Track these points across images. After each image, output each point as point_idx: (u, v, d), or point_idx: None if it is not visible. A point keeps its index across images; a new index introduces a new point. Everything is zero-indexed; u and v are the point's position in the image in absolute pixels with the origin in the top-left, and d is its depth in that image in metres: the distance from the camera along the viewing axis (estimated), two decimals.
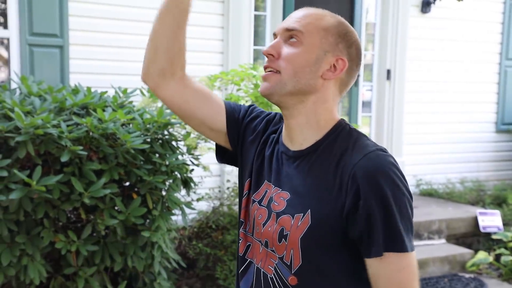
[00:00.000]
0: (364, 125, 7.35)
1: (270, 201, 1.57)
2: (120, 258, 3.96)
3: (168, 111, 4.24)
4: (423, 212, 6.23)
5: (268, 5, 6.60)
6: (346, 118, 4.76)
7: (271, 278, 1.54)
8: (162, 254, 4.28)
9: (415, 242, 5.61)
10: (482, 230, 6.16)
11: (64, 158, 3.54)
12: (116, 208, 3.89)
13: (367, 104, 7.40)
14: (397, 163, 1.46)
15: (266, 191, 1.61)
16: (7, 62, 5.32)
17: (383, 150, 1.47)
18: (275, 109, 3.26)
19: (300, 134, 1.57)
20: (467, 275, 5.50)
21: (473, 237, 6.26)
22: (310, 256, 1.47)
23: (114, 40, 5.56)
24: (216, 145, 1.84)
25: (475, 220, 6.23)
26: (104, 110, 3.96)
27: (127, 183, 4.09)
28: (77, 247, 3.77)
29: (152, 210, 4.02)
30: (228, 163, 1.87)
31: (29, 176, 3.47)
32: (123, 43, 5.57)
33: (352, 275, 1.50)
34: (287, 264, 1.49)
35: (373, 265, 1.42)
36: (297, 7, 5.93)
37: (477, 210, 6.36)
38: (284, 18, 6.52)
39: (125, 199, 3.98)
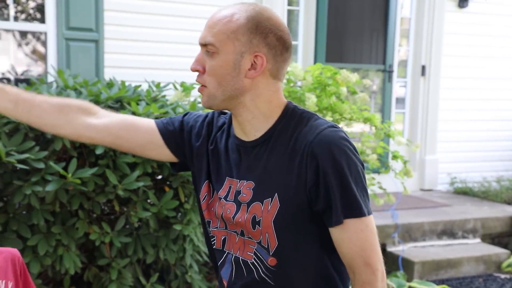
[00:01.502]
0: (397, 122, 7.23)
1: (237, 194, 1.63)
2: (152, 251, 4.01)
3: (200, 105, 4.28)
4: (458, 211, 6.16)
5: (301, 0, 6.58)
6: (379, 115, 4.80)
7: (252, 263, 1.61)
8: (193, 247, 4.31)
9: (449, 241, 5.64)
10: None
11: (98, 151, 3.60)
12: (148, 201, 3.93)
13: (400, 101, 7.27)
14: (348, 137, 1.56)
15: (230, 186, 1.67)
16: (44, 56, 5.42)
17: (335, 126, 1.56)
18: None
19: (251, 127, 1.64)
20: (502, 276, 5.43)
21: (509, 237, 6.14)
22: (284, 236, 1.56)
23: (148, 35, 5.61)
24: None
25: None
26: (138, 104, 3.99)
27: (160, 176, 4.12)
28: (110, 238, 3.82)
29: (184, 204, 4.06)
30: (183, 171, 1.94)
31: (65, 168, 3.52)
32: (157, 37, 5.62)
33: (322, 245, 1.59)
34: (265, 247, 1.58)
35: (336, 232, 1.53)
36: (331, 2, 5.95)
37: None
38: (317, 12, 6.51)
39: (157, 192, 4.02)
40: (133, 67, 5.48)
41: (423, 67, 7.14)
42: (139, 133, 1.80)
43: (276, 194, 1.56)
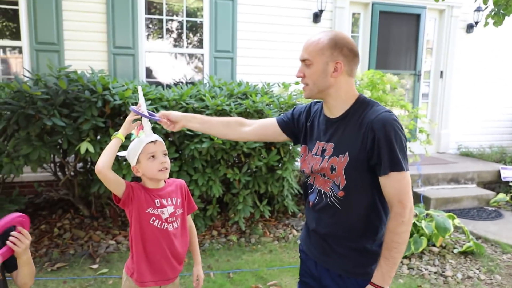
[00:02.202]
0: (423, 109, 6.90)
1: (323, 151, 1.61)
2: (264, 186, 4.04)
3: (295, 95, 4.23)
4: (461, 166, 5.74)
5: (360, 29, 6.29)
6: (410, 105, 4.55)
7: (329, 194, 1.59)
8: (288, 184, 4.30)
9: (455, 186, 5.29)
10: (502, 179, 5.61)
11: None
12: (261, 155, 3.96)
13: (425, 95, 6.92)
14: (397, 118, 1.50)
15: (318, 146, 1.64)
16: (202, 69, 5.54)
17: (389, 111, 1.50)
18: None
19: (335, 108, 1.61)
20: (490, 208, 5.04)
21: (496, 183, 5.68)
22: (350, 179, 1.53)
23: (263, 54, 5.57)
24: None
25: (498, 172, 5.65)
26: (256, 95, 4.02)
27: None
28: (239, 177, 3.89)
29: (283, 157, 4.04)
30: (297, 144, 1.89)
31: None
32: (268, 55, 5.57)
33: (374, 187, 1.52)
34: (337, 185, 1.55)
35: (382, 180, 1.49)
36: (380, 30, 5.63)
37: (500, 166, 5.78)
38: (370, 37, 6.21)
39: (267, 150, 4.04)
40: (253, 74, 5.47)
41: (441, 72, 6.68)
42: (269, 130, 1.85)
43: (347, 152, 1.52)
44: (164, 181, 1.92)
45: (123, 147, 1.85)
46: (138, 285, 1.85)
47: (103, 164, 1.67)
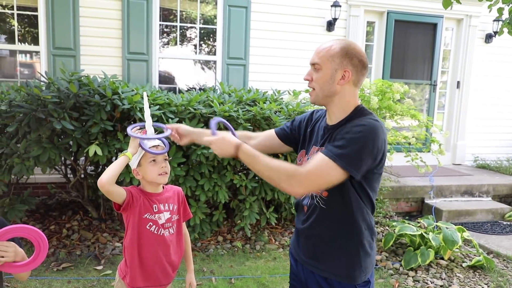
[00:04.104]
0: (438, 120, 6.79)
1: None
2: (271, 192, 4.01)
3: (304, 103, 4.22)
4: (476, 179, 5.61)
5: (375, 38, 6.26)
6: (421, 115, 4.49)
7: (316, 195, 1.61)
8: None
9: (469, 198, 5.18)
10: None
11: (240, 130, 3.63)
12: None
13: (441, 106, 6.79)
14: (382, 129, 1.48)
15: (313, 151, 1.66)
16: (214, 75, 5.60)
17: (378, 120, 1.50)
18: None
19: (334, 116, 1.62)
20: (504, 222, 4.90)
21: None
22: None
23: (274, 62, 5.60)
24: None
25: None
26: (264, 103, 4.02)
27: None
28: (245, 183, 3.88)
29: None
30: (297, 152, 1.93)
31: None
32: (279, 63, 5.60)
33: (357, 189, 1.53)
34: None
35: (313, 151, 1.60)
36: (395, 39, 5.60)
37: None
38: (385, 47, 6.17)
39: (274, 156, 4.01)
40: (265, 81, 5.50)
41: (458, 82, 6.56)
42: (273, 141, 1.89)
43: None
44: (163, 187, 1.95)
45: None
46: None
47: (107, 180, 1.69)
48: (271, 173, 1.49)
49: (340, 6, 5.57)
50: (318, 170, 1.43)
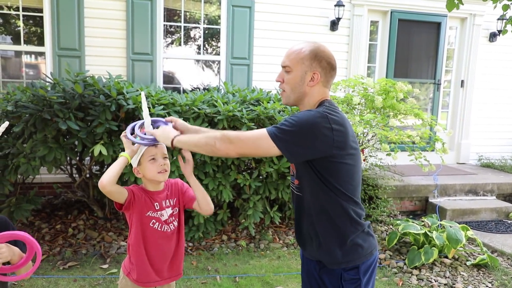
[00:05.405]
0: (442, 119, 6.79)
1: None
2: (274, 192, 4.03)
3: None
4: (481, 177, 5.60)
5: (378, 37, 6.26)
6: (424, 114, 4.48)
7: (293, 184, 1.73)
8: None
9: (473, 197, 5.19)
10: None
11: (243, 130, 3.67)
12: (272, 161, 3.96)
13: (445, 105, 6.77)
14: (329, 116, 1.51)
15: None
16: (218, 75, 5.61)
17: (327, 111, 1.53)
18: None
19: None
20: (509, 221, 4.89)
21: None
22: (299, 167, 1.64)
23: (279, 61, 5.57)
24: None
25: None
26: (268, 102, 4.04)
27: None
28: (249, 183, 3.90)
29: None
30: None
31: None
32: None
33: (321, 175, 1.58)
34: (293, 175, 1.71)
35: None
36: (399, 39, 5.62)
37: None
38: (389, 47, 6.17)
39: (278, 156, 4.00)
40: (269, 81, 5.48)
41: (462, 81, 6.56)
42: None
43: None
44: (164, 184, 1.98)
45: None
46: (136, 284, 1.90)
47: (108, 181, 1.72)
48: (208, 140, 1.58)
49: (343, 5, 5.58)
50: (243, 138, 1.54)
